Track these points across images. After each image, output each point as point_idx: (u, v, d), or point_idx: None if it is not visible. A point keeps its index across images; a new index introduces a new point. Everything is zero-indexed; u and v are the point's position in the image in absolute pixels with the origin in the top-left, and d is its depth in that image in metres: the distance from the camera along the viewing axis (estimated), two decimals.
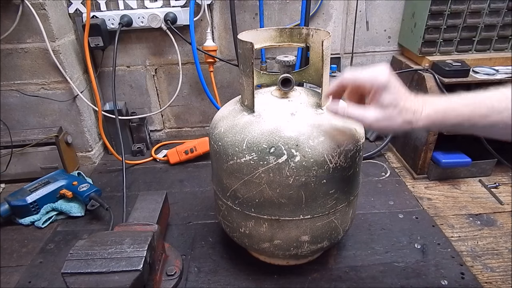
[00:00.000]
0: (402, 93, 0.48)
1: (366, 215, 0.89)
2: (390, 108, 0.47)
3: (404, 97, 0.47)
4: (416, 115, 0.47)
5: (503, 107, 0.43)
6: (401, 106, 0.47)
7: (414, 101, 0.48)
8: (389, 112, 0.47)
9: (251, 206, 0.62)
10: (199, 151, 1.14)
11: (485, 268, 0.73)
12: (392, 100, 0.47)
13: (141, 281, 0.57)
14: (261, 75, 0.67)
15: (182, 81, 1.16)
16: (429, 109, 0.47)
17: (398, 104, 0.47)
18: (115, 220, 0.86)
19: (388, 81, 0.47)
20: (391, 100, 0.47)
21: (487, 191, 0.97)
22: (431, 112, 0.47)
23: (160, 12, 1.05)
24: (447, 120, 0.46)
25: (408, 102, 0.47)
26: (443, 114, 0.46)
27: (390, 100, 0.47)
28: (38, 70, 1.01)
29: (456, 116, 0.46)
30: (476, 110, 0.44)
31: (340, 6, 1.12)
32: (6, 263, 0.79)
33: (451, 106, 0.46)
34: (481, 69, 0.96)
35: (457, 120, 0.46)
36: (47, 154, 1.05)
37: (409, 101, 0.47)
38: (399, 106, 0.47)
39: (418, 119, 0.47)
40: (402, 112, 0.47)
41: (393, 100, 0.47)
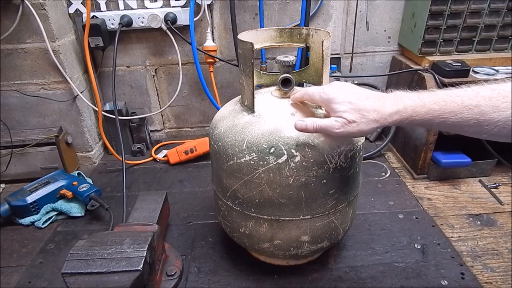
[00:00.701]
0: (358, 98, 0.50)
1: (366, 215, 0.89)
2: (348, 113, 0.49)
3: (363, 99, 0.49)
4: (381, 113, 0.48)
5: (474, 104, 0.43)
6: (360, 108, 0.49)
7: (377, 99, 0.49)
8: (351, 117, 0.49)
9: (251, 206, 0.62)
10: (199, 151, 1.14)
11: (485, 268, 0.73)
12: (346, 107, 0.49)
13: (141, 281, 0.57)
14: (261, 75, 0.67)
15: (182, 81, 1.16)
16: (399, 105, 0.48)
17: (356, 108, 0.49)
18: (115, 220, 0.86)
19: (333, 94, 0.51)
20: (345, 107, 0.49)
21: (487, 191, 0.97)
22: (401, 108, 0.47)
23: (160, 12, 1.05)
24: (417, 116, 0.47)
25: (369, 102, 0.49)
26: (412, 110, 0.47)
27: (343, 107, 0.50)
28: (38, 70, 1.01)
29: (426, 112, 0.46)
30: (447, 106, 0.45)
31: (340, 6, 1.12)
32: (6, 263, 0.79)
33: (421, 102, 0.47)
34: (481, 69, 0.96)
35: (427, 116, 0.46)
36: (47, 154, 1.05)
37: (370, 101, 0.49)
38: (357, 109, 0.49)
39: (385, 116, 0.48)
40: (364, 114, 0.48)
41: (347, 107, 0.49)
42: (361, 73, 1.22)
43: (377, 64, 1.22)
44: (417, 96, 0.48)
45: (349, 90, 0.51)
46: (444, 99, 0.45)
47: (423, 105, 0.46)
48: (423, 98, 0.47)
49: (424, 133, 0.99)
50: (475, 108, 0.43)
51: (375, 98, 0.49)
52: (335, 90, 0.52)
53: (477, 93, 0.44)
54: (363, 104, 0.49)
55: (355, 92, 0.51)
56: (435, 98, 0.46)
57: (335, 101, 0.51)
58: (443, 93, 0.46)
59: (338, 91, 0.51)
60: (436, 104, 0.46)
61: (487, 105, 0.43)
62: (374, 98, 0.49)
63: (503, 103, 0.42)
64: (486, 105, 0.43)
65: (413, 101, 0.47)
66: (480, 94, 0.44)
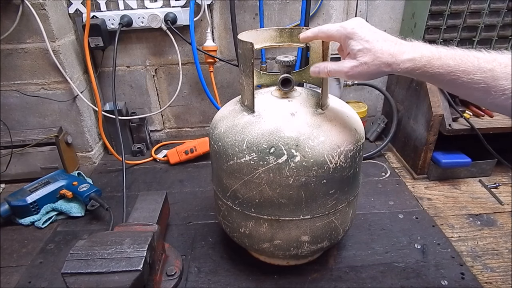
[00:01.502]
0: (376, 38, 0.48)
1: (366, 215, 0.89)
2: (362, 53, 0.48)
3: (381, 40, 0.48)
4: (396, 57, 0.47)
5: (488, 68, 0.43)
6: (375, 49, 0.47)
7: (394, 44, 0.48)
8: (363, 58, 0.48)
9: (251, 206, 0.62)
10: (199, 151, 1.14)
11: (485, 268, 0.73)
12: (362, 46, 0.48)
13: (141, 281, 0.57)
14: (261, 75, 0.67)
15: (182, 81, 1.16)
16: (416, 53, 0.47)
17: (372, 48, 0.48)
18: (115, 220, 0.86)
19: (353, 29, 0.49)
20: (361, 46, 0.48)
21: (487, 191, 0.97)
22: (417, 56, 0.47)
23: (160, 12, 1.05)
24: (430, 67, 0.46)
25: (386, 44, 0.48)
26: (427, 60, 0.46)
27: (359, 46, 0.48)
28: (38, 70, 1.01)
29: (440, 65, 0.46)
30: (462, 64, 0.45)
31: (340, 6, 1.12)
32: (6, 263, 0.79)
33: (438, 54, 0.46)
34: None
35: (440, 70, 0.46)
36: (47, 154, 1.05)
37: (387, 43, 0.48)
38: (372, 50, 0.47)
39: (399, 61, 0.47)
40: (378, 55, 0.47)
41: (363, 46, 0.48)
42: None
43: None
44: (435, 48, 0.47)
45: (369, 28, 0.49)
46: (461, 57, 0.45)
47: (439, 57, 0.46)
48: (441, 52, 0.46)
49: (424, 133, 0.99)
50: (488, 72, 0.43)
51: (392, 42, 0.48)
52: (355, 25, 0.49)
53: (494, 58, 0.44)
54: (380, 45, 0.48)
55: (375, 31, 0.49)
56: (452, 54, 0.46)
57: (353, 37, 0.49)
58: (461, 51, 0.46)
59: (358, 26, 0.49)
60: (452, 60, 0.45)
61: (501, 71, 0.43)
62: (392, 42, 0.48)
63: None
64: (501, 71, 0.43)
65: (430, 52, 0.46)
66: (497, 60, 0.44)
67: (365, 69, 0.48)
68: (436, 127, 0.95)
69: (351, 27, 0.49)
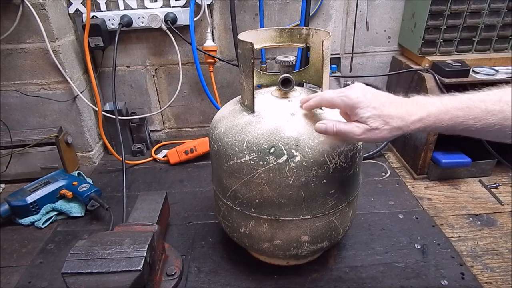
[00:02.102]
0: (382, 103, 0.48)
1: (366, 215, 0.89)
2: (371, 120, 0.48)
3: (387, 105, 0.48)
4: (405, 120, 0.47)
5: (498, 109, 0.43)
6: (384, 115, 0.47)
7: (400, 106, 0.48)
8: (374, 124, 0.48)
9: (251, 206, 0.62)
10: (199, 151, 1.14)
11: (485, 268, 0.73)
12: (370, 113, 0.48)
13: (141, 281, 0.57)
14: (261, 75, 0.67)
15: (182, 81, 1.16)
16: (423, 112, 0.47)
17: (380, 114, 0.48)
18: (115, 220, 0.86)
19: (358, 98, 0.49)
20: (370, 113, 0.48)
21: (487, 191, 0.97)
22: (424, 115, 0.47)
23: (160, 12, 1.05)
24: (440, 123, 0.46)
25: (393, 108, 0.48)
26: (436, 117, 0.46)
27: (368, 113, 0.48)
28: (38, 70, 1.01)
29: (449, 119, 0.45)
30: (470, 113, 0.44)
31: (340, 6, 1.12)
32: (6, 263, 0.79)
33: (444, 109, 0.46)
34: (481, 69, 0.96)
35: (450, 123, 0.46)
36: (47, 154, 1.05)
37: (393, 107, 0.48)
38: (381, 116, 0.47)
39: (409, 123, 0.47)
40: (387, 121, 0.47)
41: (371, 113, 0.48)
42: (361, 73, 1.22)
43: (377, 64, 1.22)
44: (439, 102, 0.47)
45: (372, 93, 0.50)
46: (467, 105, 0.45)
47: (446, 111, 0.46)
48: (446, 104, 0.46)
49: (424, 133, 0.98)
50: (499, 114, 0.43)
51: (398, 103, 0.48)
52: (359, 94, 0.49)
53: (500, 97, 0.44)
54: (388, 110, 0.47)
55: (379, 96, 0.49)
56: (458, 104, 0.45)
57: (359, 106, 0.49)
58: (465, 98, 0.46)
59: (361, 95, 0.49)
60: (459, 111, 0.45)
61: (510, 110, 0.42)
62: (397, 104, 0.48)
63: None
64: (510, 110, 0.42)
65: (436, 108, 0.46)
66: (503, 99, 0.43)
67: (376, 134, 0.48)
68: None
69: (355, 96, 0.49)
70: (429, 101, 0.48)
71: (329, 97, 0.53)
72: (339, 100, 0.51)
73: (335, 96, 0.52)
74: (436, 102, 0.47)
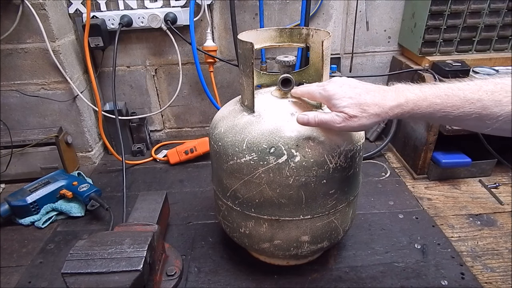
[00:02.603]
0: (357, 93, 0.50)
1: (366, 215, 0.89)
2: (348, 108, 0.49)
3: (363, 93, 0.49)
4: (382, 107, 0.48)
5: (476, 98, 0.43)
6: (361, 103, 0.49)
7: (378, 93, 0.49)
8: (352, 112, 0.49)
9: (251, 206, 0.62)
10: (199, 151, 1.14)
11: (485, 268, 0.73)
12: (346, 102, 0.50)
13: (141, 281, 0.57)
14: (261, 75, 0.67)
15: (182, 81, 1.16)
16: (400, 98, 0.47)
17: (356, 102, 0.49)
18: (115, 220, 0.86)
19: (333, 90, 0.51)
20: (346, 103, 0.50)
21: (487, 191, 0.97)
22: (402, 101, 0.47)
23: (160, 12, 1.05)
24: (419, 110, 0.47)
25: (369, 96, 0.49)
26: (414, 103, 0.47)
27: (344, 103, 0.50)
28: (38, 70, 1.01)
29: (427, 106, 0.46)
30: (449, 100, 0.45)
31: (340, 6, 1.12)
32: (6, 263, 0.79)
33: (423, 96, 0.46)
34: (481, 69, 0.96)
35: (429, 110, 0.46)
36: (47, 154, 1.05)
37: (370, 95, 0.49)
38: (358, 104, 0.49)
39: (386, 109, 0.48)
40: (365, 108, 0.48)
41: (347, 102, 0.49)
42: (361, 73, 1.22)
43: (377, 64, 1.22)
44: (418, 89, 0.47)
45: (349, 85, 0.51)
46: (446, 92, 0.45)
47: (425, 98, 0.46)
48: (425, 92, 0.47)
49: (424, 133, 0.99)
50: (477, 102, 0.43)
51: (375, 91, 0.49)
52: (335, 86, 0.52)
53: (480, 87, 0.44)
54: (364, 98, 0.49)
55: (355, 87, 0.51)
56: (437, 92, 0.46)
57: (335, 97, 0.51)
58: (445, 87, 0.46)
59: (337, 87, 0.51)
60: (438, 98, 0.45)
61: (489, 99, 0.42)
62: (375, 92, 0.49)
63: (505, 98, 0.42)
64: (488, 99, 0.42)
65: (414, 95, 0.47)
66: (483, 88, 0.43)
67: (355, 122, 0.49)
68: (436, 127, 0.95)
69: (331, 88, 0.52)
70: (408, 89, 0.48)
71: (311, 90, 0.56)
72: (318, 93, 0.54)
73: (315, 89, 0.55)
74: (415, 89, 0.48)
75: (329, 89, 0.52)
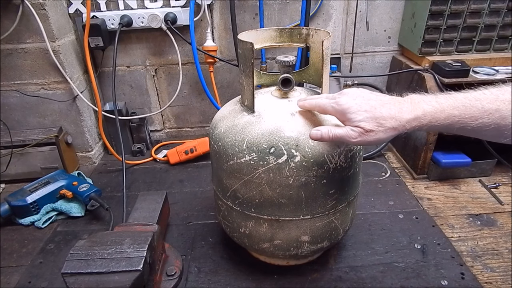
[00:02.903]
0: (372, 106, 0.48)
1: (366, 215, 0.89)
2: (365, 123, 0.47)
3: (379, 106, 0.47)
4: (399, 120, 0.46)
5: (494, 108, 0.42)
6: (377, 117, 0.47)
7: (393, 106, 0.47)
8: (368, 126, 0.47)
9: (251, 206, 0.62)
10: (199, 151, 1.14)
11: (485, 268, 0.73)
12: (362, 116, 0.48)
13: (141, 281, 0.57)
14: (261, 75, 0.67)
15: (182, 81, 1.16)
16: (417, 111, 0.46)
17: (372, 116, 0.47)
18: (115, 220, 0.86)
19: (347, 104, 0.49)
20: (361, 117, 0.48)
21: (487, 191, 0.97)
22: (420, 114, 0.46)
23: (160, 12, 1.05)
24: (437, 122, 0.46)
25: (385, 109, 0.47)
26: (431, 116, 0.46)
27: (360, 117, 0.48)
28: (38, 70, 1.01)
29: (445, 118, 0.45)
30: (467, 112, 0.44)
31: (340, 6, 1.12)
32: (6, 263, 0.79)
33: (440, 108, 0.45)
34: (481, 69, 0.96)
35: (447, 122, 0.45)
36: (47, 154, 1.05)
37: (386, 108, 0.47)
38: (374, 118, 0.47)
39: (404, 123, 0.46)
40: (381, 122, 0.47)
41: (363, 116, 0.47)
42: (361, 73, 1.22)
43: (377, 64, 1.22)
44: (435, 100, 0.46)
45: (363, 97, 0.49)
46: (464, 103, 0.44)
47: (442, 110, 0.45)
48: (442, 103, 0.45)
49: (424, 133, 0.99)
50: (495, 113, 0.42)
51: (391, 104, 0.48)
52: (348, 99, 0.49)
53: (497, 96, 0.43)
54: (380, 112, 0.47)
55: (369, 99, 0.49)
56: (454, 103, 0.45)
57: (350, 111, 0.48)
58: (461, 97, 0.45)
59: (351, 100, 0.49)
60: (455, 110, 0.44)
61: (507, 109, 0.42)
62: (390, 104, 0.48)
63: None
64: (506, 109, 0.42)
65: (431, 107, 0.46)
66: (500, 98, 0.43)
67: (372, 136, 0.47)
68: None
69: (344, 102, 0.49)
70: (424, 100, 0.47)
71: (321, 103, 0.53)
72: (330, 107, 0.51)
73: (326, 102, 0.52)
74: (431, 100, 0.47)
75: (343, 103, 0.49)
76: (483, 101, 0.43)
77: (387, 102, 0.48)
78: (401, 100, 0.48)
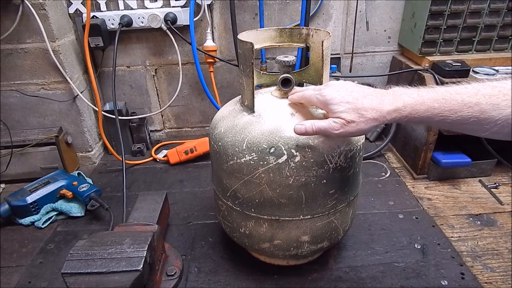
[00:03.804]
0: (355, 97, 0.49)
1: (366, 215, 0.89)
2: (346, 113, 0.49)
3: (361, 98, 0.49)
4: (380, 111, 0.48)
5: (474, 102, 0.43)
6: (358, 108, 0.48)
7: (375, 97, 0.49)
8: (349, 117, 0.49)
9: (251, 206, 0.62)
10: (199, 151, 1.14)
11: (485, 268, 0.73)
12: (344, 107, 0.49)
13: (141, 281, 0.57)
14: (261, 75, 0.67)
15: (182, 81, 1.16)
16: (398, 103, 0.47)
17: (354, 107, 0.49)
18: (115, 220, 0.86)
19: (330, 95, 0.51)
20: (343, 108, 0.49)
21: (487, 191, 0.97)
22: (400, 105, 0.47)
23: (160, 12, 1.05)
24: (416, 114, 0.46)
25: (367, 101, 0.48)
26: (411, 107, 0.46)
27: (341, 108, 0.49)
28: (38, 70, 1.01)
29: (425, 110, 0.46)
30: (446, 104, 0.44)
31: (340, 6, 1.12)
32: (6, 263, 0.79)
33: (420, 100, 0.46)
34: (481, 69, 0.96)
35: (427, 114, 0.46)
36: (47, 154, 1.05)
37: (367, 99, 0.49)
38: (355, 109, 0.48)
39: (384, 114, 0.48)
40: (362, 113, 0.48)
41: (345, 107, 0.49)
42: (361, 73, 1.22)
43: (377, 64, 1.22)
44: (416, 93, 0.47)
45: (346, 89, 0.51)
46: (444, 96, 0.45)
47: (423, 102, 0.46)
48: (423, 96, 0.46)
49: (424, 133, 0.99)
50: (475, 106, 0.43)
51: (373, 96, 0.49)
52: (332, 91, 0.51)
53: (477, 90, 0.43)
54: (361, 103, 0.48)
55: (352, 91, 0.50)
56: (434, 96, 0.46)
57: (332, 102, 0.50)
58: (442, 90, 0.46)
59: (335, 91, 0.51)
60: (435, 102, 0.45)
61: (487, 103, 0.42)
62: (372, 96, 0.49)
63: (503, 101, 0.41)
64: (486, 103, 0.42)
65: (412, 99, 0.47)
66: (480, 92, 0.43)
67: (353, 127, 0.49)
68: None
69: (328, 93, 0.51)
70: (406, 92, 0.48)
71: (308, 95, 0.55)
72: (315, 98, 0.53)
73: (312, 94, 0.54)
74: (413, 93, 0.48)
75: (326, 94, 0.51)
76: (463, 95, 0.44)
77: (369, 93, 0.50)
78: (384, 92, 0.50)
